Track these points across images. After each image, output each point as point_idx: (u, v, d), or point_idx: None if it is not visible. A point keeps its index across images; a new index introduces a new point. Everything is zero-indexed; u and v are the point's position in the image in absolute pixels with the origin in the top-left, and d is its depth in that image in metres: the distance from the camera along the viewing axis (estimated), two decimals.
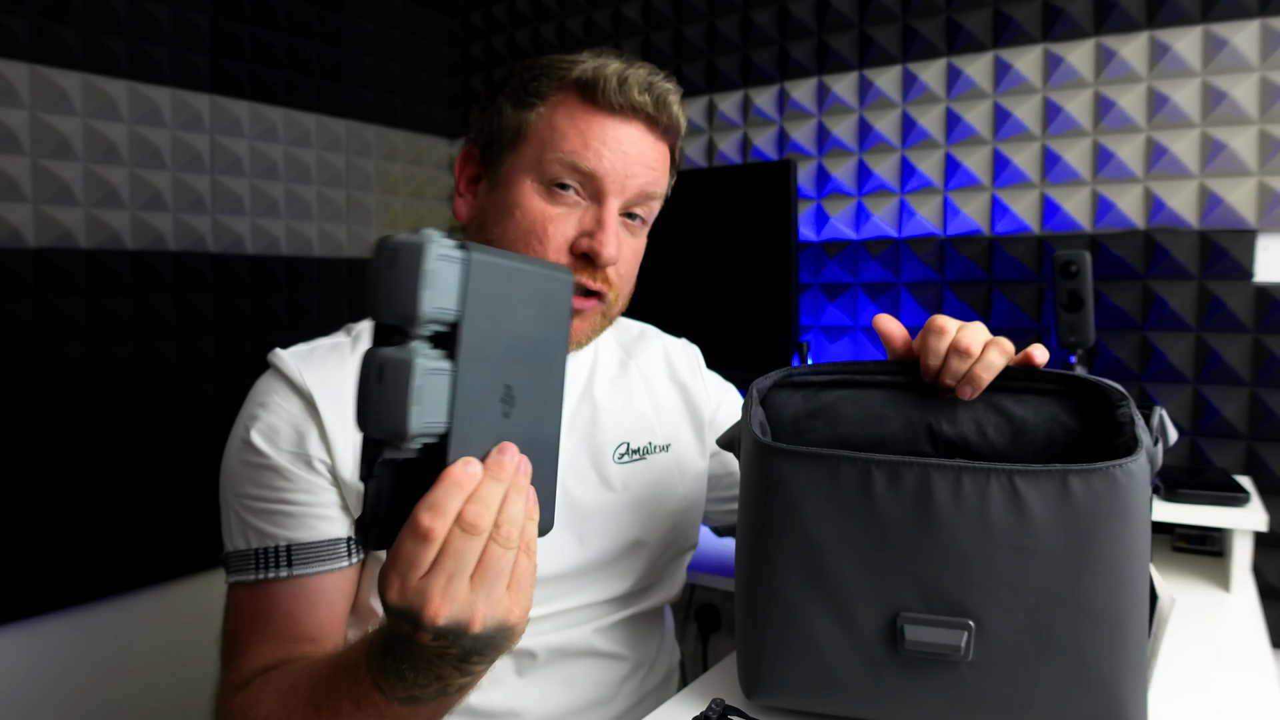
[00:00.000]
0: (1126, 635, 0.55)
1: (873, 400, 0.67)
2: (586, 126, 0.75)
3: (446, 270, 0.42)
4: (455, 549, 0.45)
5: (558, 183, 0.75)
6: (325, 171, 1.92)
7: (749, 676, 0.65)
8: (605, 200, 0.75)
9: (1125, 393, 0.60)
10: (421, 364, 0.41)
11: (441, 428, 0.43)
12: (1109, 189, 1.42)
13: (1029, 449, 0.64)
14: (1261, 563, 1.28)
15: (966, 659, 0.56)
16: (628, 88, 0.74)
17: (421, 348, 0.42)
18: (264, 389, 0.76)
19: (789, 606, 0.61)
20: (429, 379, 0.42)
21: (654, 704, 0.85)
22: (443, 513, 0.44)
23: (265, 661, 0.68)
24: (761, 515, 0.63)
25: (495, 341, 0.46)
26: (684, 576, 0.94)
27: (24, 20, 1.42)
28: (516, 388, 0.48)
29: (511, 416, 0.47)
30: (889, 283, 1.65)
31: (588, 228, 0.75)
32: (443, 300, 0.42)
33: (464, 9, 2.23)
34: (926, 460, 0.57)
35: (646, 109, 0.75)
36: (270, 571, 0.71)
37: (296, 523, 0.72)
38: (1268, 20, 1.28)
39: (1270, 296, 1.30)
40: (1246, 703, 0.75)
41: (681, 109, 0.80)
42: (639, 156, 0.76)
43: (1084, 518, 0.54)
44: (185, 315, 1.66)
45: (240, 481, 0.74)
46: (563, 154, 0.74)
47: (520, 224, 0.75)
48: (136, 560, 1.59)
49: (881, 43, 1.62)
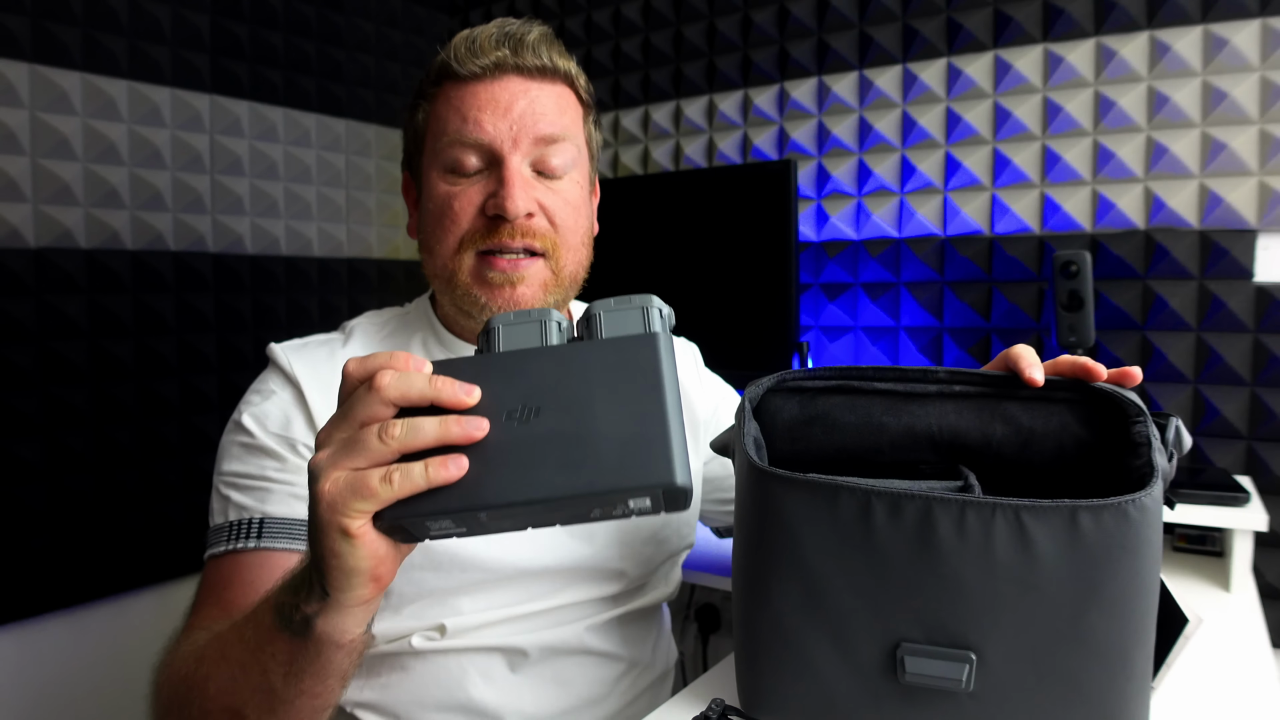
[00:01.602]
0: (1131, 668, 0.54)
1: (871, 407, 0.65)
2: (460, 102, 0.75)
3: (631, 316, 0.51)
4: (356, 395, 0.48)
5: (458, 166, 0.76)
6: (325, 171, 1.92)
7: (748, 696, 0.64)
8: (505, 160, 0.75)
9: (1143, 407, 0.58)
10: (556, 315, 0.52)
11: (494, 347, 0.51)
12: (1109, 189, 1.42)
13: (1037, 458, 0.62)
14: (1261, 563, 1.28)
15: (968, 690, 0.55)
16: (478, 47, 0.75)
17: (563, 319, 0.52)
18: (260, 378, 0.80)
19: (787, 632, 0.59)
20: (531, 325, 0.51)
21: (649, 704, 0.85)
22: (365, 361, 0.49)
23: (209, 625, 0.67)
24: (756, 538, 0.61)
25: (582, 382, 0.48)
26: (679, 576, 0.93)
27: (24, 20, 1.42)
28: (541, 421, 0.48)
29: (509, 424, 0.47)
30: (889, 283, 1.65)
31: (492, 189, 0.75)
32: (607, 322, 0.50)
33: (464, 9, 2.23)
34: (930, 492, 0.54)
35: (509, 60, 0.75)
36: (240, 542, 0.72)
37: (273, 499, 0.73)
38: (1268, 20, 1.28)
39: (1270, 296, 1.30)
40: (1246, 703, 0.75)
41: (552, 45, 0.78)
42: (524, 108, 0.75)
43: (1093, 554, 0.52)
44: (185, 315, 1.66)
45: (227, 460, 0.76)
46: (450, 136, 0.75)
47: (434, 213, 0.77)
48: (136, 560, 1.59)
49: (881, 43, 1.62)
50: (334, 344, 0.82)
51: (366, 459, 0.46)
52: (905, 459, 0.65)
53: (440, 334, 0.83)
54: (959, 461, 0.64)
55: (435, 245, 0.78)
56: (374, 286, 2.04)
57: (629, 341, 0.49)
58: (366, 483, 0.45)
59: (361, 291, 2.00)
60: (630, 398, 0.47)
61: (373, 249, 2.04)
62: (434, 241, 0.78)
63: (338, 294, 1.95)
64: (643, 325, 0.50)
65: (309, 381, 0.76)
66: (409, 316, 0.87)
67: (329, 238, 1.93)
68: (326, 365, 0.78)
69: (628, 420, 0.47)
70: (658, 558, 0.87)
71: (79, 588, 1.51)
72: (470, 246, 0.76)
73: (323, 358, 0.79)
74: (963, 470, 0.61)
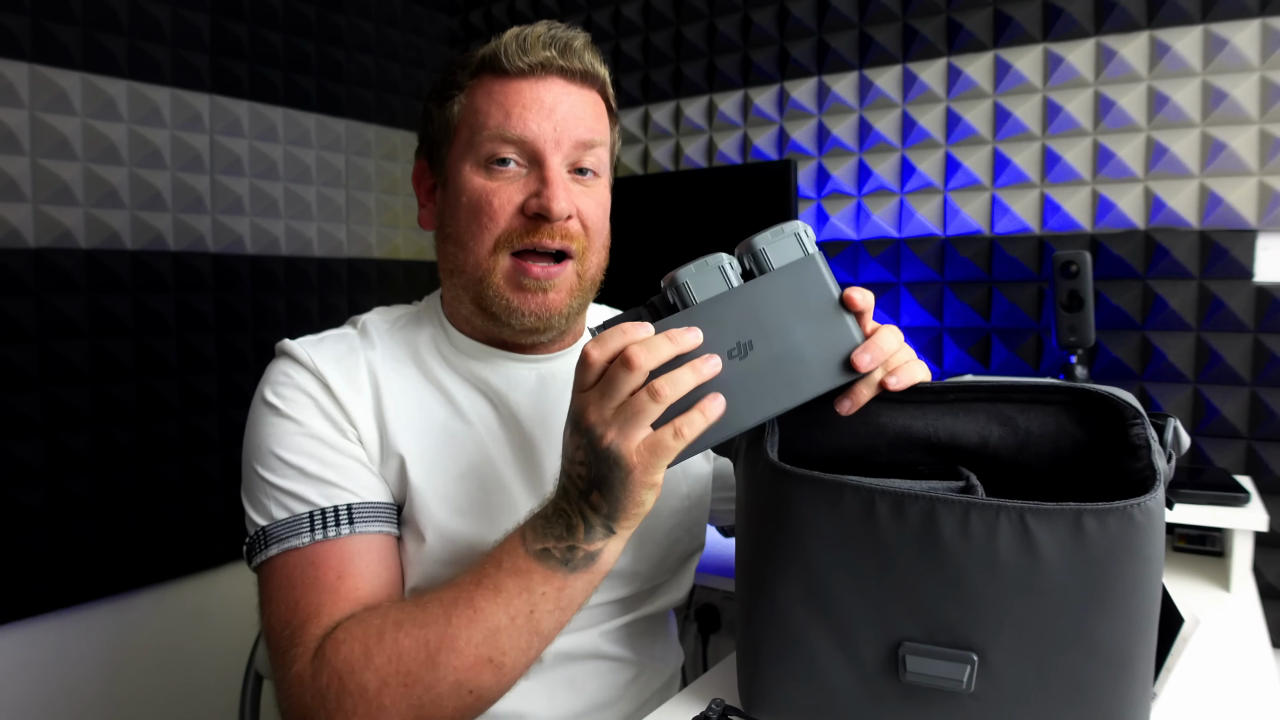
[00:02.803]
0: (1133, 671, 0.54)
1: (868, 408, 0.65)
2: (504, 97, 0.75)
3: (789, 244, 0.60)
4: (610, 375, 0.58)
5: (496, 159, 0.75)
6: (325, 171, 1.92)
7: (749, 694, 0.64)
8: (545, 160, 0.75)
9: (1140, 409, 0.58)
10: (722, 257, 0.60)
11: (690, 299, 0.60)
12: (1109, 189, 1.42)
13: (1034, 460, 0.62)
14: (1261, 563, 1.28)
15: (969, 691, 0.55)
16: (529, 46, 0.74)
17: (732, 260, 0.61)
18: (278, 370, 0.77)
19: (789, 629, 0.59)
20: (711, 273, 0.60)
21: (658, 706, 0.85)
22: (603, 344, 0.58)
23: (345, 615, 0.67)
24: (761, 535, 0.61)
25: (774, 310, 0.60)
26: (691, 579, 0.93)
27: (24, 20, 1.42)
28: (756, 352, 0.60)
29: (733, 361, 0.59)
30: (889, 283, 1.65)
31: (534, 189, 0.75)
32: (772, 254, 0.60)
33: (464, 9, 2.23)
34: (933, 493, 0.54)
35: (556, 62, 0.75)
36: (330, 530, 0.70)
37: (349, 484, 0.73)
38: (1268, 20, 1.28)
39: (1270, 296, 1.30)
40: (1246, 703, 0.75)
41: (594, 53, 0.79)
42: (567, 110, 0.76)
43: (1097, 557, 0.52)
44: (185, 315, 1.66)
45: (280, 449, 0.73)
46: (490, 130, 0.74)
47: (468, 207, 0.76)
48: (136, 560, 1.59)
49: (881, 43, 1.62)
50: (350, 339, 0.81)
51: (649, 420, 0.57)
52: (902, 460, 0.65)
53: (449, 332, 0.83)
54: (956, 463, 0.64)
55: (469, 241, 0.76)
56: (374, 286, 2.03)
57: (795, 267, 0.60)
58: (663, 443, 0.57)
59: (361, 291, 2.00)
60: (814, 313, 0.60)
61: (372, 249, 2.04)
62: (467, 237, 0.76)
63: (337, 294, 1.95)
64: (800, 249, 0.61)
65: (334, 375, 0.76)
66: (419, 314, 0.86)
67: (329, 238, 1.93)
68: (349, 359, 0.78)
69: (820, 332, 0.60)
70: (670, 559, 0.87)
71: (79, 588, 1.51)
72: (506, 247, 0.75)
73: (343, 352, 0.78)
74: (963, 471, 0.61)
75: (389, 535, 0.74)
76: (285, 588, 0.69)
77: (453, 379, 0.81)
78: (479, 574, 0.65)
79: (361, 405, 0.76)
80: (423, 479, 0.75)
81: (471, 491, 0.77)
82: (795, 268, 0.60)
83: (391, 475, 0.76)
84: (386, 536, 0.74)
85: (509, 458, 0.79)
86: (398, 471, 0.75)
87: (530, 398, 0.81)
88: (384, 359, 0.80)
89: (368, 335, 0.82)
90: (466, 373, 0.81)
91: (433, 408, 0.79)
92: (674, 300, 0.60)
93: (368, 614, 0.66)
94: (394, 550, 0.75)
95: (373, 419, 0.76)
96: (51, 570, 1.47)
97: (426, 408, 0.79)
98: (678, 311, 0.60)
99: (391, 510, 0.76)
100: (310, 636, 0.65)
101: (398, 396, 0.78)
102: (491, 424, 0.80)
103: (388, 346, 0.81)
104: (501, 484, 0.78)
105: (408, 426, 0.77)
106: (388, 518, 0.75)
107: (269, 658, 0.69)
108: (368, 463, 0.75)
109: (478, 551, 0.75)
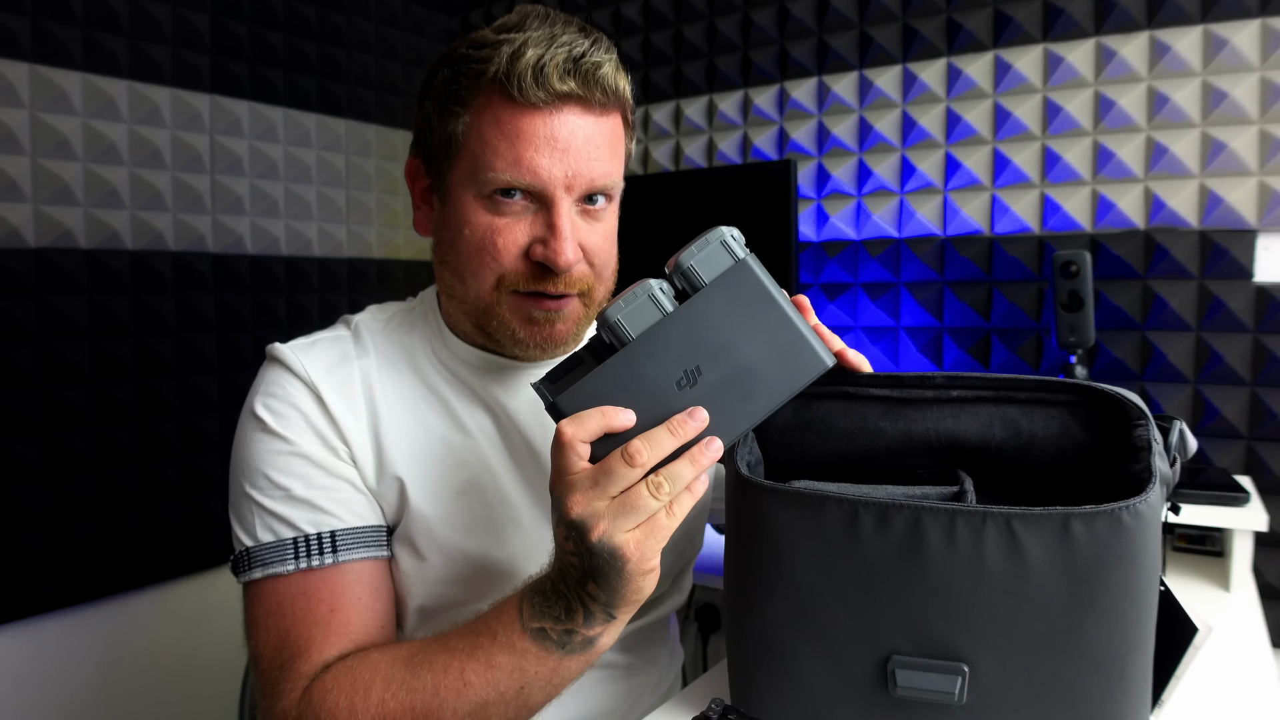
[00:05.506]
0: (1128, 678, 0.53)
1: (866, 412, 0.64)
2: (516, 133, 0.67)
3: (716, 253, 0.56)
4: (608, 468, 0.54)
5: (501, 200, 0.69)
6: (325, 171, 1.92)
7: (740, 707, 0.63)
8: (555, 205, 0.69)
9: (1145, 410, 0.56)
10: (650, 284, 0.56)
11: (626, 337, 0.55)
12: (1109, 189, 1.42)
13: (1038, 462, 0.61)
14: (1261, 563, 1.28)
15: (960, 703, 0.54)
16: (546, 77, 0.66)
17: (662, 284, 0.56)
18: (270, 380, 0.74)
19: (776, 644, 0.58)
20: (641, 303, 0.55)
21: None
22: (580, 424, 0.55)
23: (337, 653, 0.66)
24: (744, 550, 0.60)
25: (716, 327, 0.56)
26: (691, 581, 0.93)
27: (24, 20, 1.42)
28: (705, 377, 0.56)
29: (683, 392, 0.56)
30: (889, 283, 1.65)
31: (540, 234, 0.69)
32: (701, 269, 0.56)
33: (464, 9, 2.23)
34: (918, 502, 0.53)
35: (574, 93, 0.67)
36: (315, 559, 0.69)
37: (333, 508, 0.71)
38: (1268, 20, 1.28)
39: (1270, 296, 1.30)
40: (1246, 703, 0.75)
41: (619, 72, 0.71)
42: (580, 146, 0.69)
43: (1086, 562, 0.50)
44: (185, 315, 1.66)
45: (267, 469, 0.71)
46: (496, 172, 0.68)
47: (470, 241, 0.71)
48: (136, 560, 1.59)
49: (881, 43, 1.62)
50: (344, 344, 0.78)
51: (648, 512, 0.55)
52: (902, 464, 0.64)
53: (445, 335, 0.80)
54: (958, 465, 0.63)
55: (468, 276, 0.72)
56: (374, 286, 2.03)
57: (728, 277, 0.56)
58: (658, 524, 0.55)
59: (361, 291, 2.00)
60: (757, 321, 0.56)
61: (372, 249, 2.04)
62: (466, 271, 0.72)
63: (337, 294, 1.95)
64: (728, 256, 0.57)
65: (327, 388, 0.73)
66: (413, 314, 0.83)
67: (329, 238, 1.93)
68: (343, 370, 0.75)
69: (767, 339, 0.56)
70: (673, 570, 0.87)
71: (79, 588, 1.51)
72: (509, 286, 0.71)
73: (336, 361, 0.75)
74: (960, 475, 0.61)
75: (379, 560, 0.73)
76: (275, 615, 0.68)
77: (450, 387, 0.78)
78: (473, 643, 0.62)
79: (356, 423, 0.73)
80: (423, 501, 0.74)
81: (474, 507, 0.75)
82: (728, 277, 0.56)
83: (389, 496, 0.74)
84: (376, 562, 0.72)
85: (510, 468, 0.77)
86: (397, 494, 0.74)
87: (531, 404, 0.79)
88: (379, 367, 0.77)
89: (361, 339, 0.79)
90: (464, 380, 0.79)
91: (430, 420, 0.77)
92: (610, 340, 0.56)
93: (359, 664, 0.64)
94: (385, 574, 0.73)
95: (368, 438, 0.74)
96: (51, 570, 1.47)
97: (424, 420, 0.76)
98: (615, 352, 0.56)
99: (380, 532, 0.74)
100: (299, 674, 0.65)
101: (394, 411, 0.75)
102: (491, 434, 0.78)
103: (382, 351, 0.78)
104: (503, 496, 0.77)
105: (406, 445, 0.74)
106: (375, 542, 0.73)
107: (256, 683, 0.69)
108: (358, 483, 0.73)
109: (483, 569, 0.74)
